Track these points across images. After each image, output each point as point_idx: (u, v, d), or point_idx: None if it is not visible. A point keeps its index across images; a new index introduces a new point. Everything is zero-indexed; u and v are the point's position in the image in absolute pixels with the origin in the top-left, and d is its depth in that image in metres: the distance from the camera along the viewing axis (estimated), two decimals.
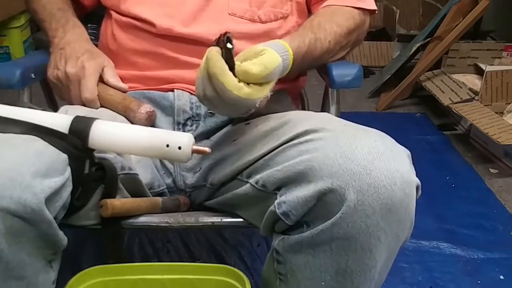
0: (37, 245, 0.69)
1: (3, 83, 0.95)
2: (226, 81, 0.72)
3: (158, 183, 0.93)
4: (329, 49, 0.93)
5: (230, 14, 0.95)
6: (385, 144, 0.72)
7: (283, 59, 0.79)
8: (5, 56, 2.58)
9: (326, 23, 0.94)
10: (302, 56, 0.87)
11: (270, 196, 0.77)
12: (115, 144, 0.76)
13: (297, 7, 1.02)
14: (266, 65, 0.74)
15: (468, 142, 2.15)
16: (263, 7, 0.97)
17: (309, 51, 0.89)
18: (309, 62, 0.92)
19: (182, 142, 0.75)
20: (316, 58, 0.92)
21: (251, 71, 0.73)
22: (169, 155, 0.75)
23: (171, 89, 0.96)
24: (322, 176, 0.69)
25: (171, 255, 1.41)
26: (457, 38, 2.34)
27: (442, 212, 1.66)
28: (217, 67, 0.72)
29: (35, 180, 0.66)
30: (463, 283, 1.37)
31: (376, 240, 0.70)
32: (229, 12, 0.95)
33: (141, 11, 0.96)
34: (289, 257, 0.76)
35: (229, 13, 0.95)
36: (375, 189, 0.68)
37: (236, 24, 0.95)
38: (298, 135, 0.76)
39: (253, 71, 0.73)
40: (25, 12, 2.66)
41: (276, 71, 0.76)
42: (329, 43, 0.92)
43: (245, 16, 0.96)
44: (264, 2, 0.97)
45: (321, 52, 0.92)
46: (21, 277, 0.69)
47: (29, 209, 0.65)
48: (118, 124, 0.79)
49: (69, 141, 0.73)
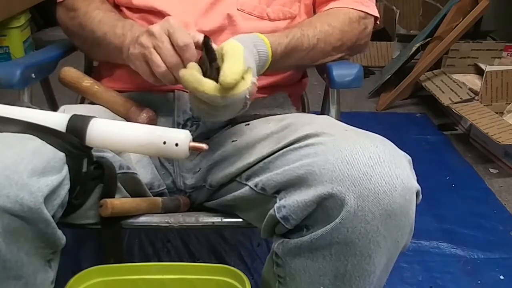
0: (35, 244, 0.69)
1: (3, 83, 0.94)
2: (206, 88, 0.72)
3: (158, 183, 0.93)
4: (319, 47, 0.93)
5: (239, 10, 0.95)
6: (386, 150, 0.72)
7: (259, 47, 0.80)
8: (5, 56, 2.58)
9: (317, 22, 0.94)
10: (284, 48, 0.86)
11: (269, 199, 0.77)
12: (112, 141, 0.76)
13: (305, 9, 1.02)
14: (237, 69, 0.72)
15: (468, 142, 2.15)
16: (272, 5, 0.97)
17: (294, 46, 0.89)
18: (298, 58, 0.91)
19: (179, 138, 0.74)
20: (304, 55, 0.92)
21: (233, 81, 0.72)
22: (167, 152, 0.75)
23: (172, 90, 0.96)
24: (323, 181, 0.69)
25: (171, 255, 1.41)
26: (457, 38, 2.34)
27: (442, 212, 1.67)
28: (191, 81, 0.73)
29: (32, 179, 0.66)
30: (463, 283, 1.37)
31: (376, 245, 0.70)
32: (238, 7, 0.95)
33: (157, 3, 0.95)
34: (289, 261, 0.76)
35: (238, 8, 0.95)
36: (375, 195, 0.68)
37: (244, 21, 0.95)
38: (299, 139, 0.76)
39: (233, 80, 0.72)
40: (25, 12, 2.67)
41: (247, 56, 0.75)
42: (317, 40, 0.92)
43: (253, 13, 0.96)
44: (273, 0, 0.97)
45: (309, 48, 0.91)
46: (19, 276, 0.69)
47: (26, 208, 0.65)
48: (115, 122, 0.78)
49: (67, 139, 0.73)
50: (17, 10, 2.55)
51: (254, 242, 1.45)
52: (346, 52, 0.99)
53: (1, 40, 2.59)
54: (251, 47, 0.80)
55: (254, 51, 0.80)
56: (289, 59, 0.90)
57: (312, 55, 0.93)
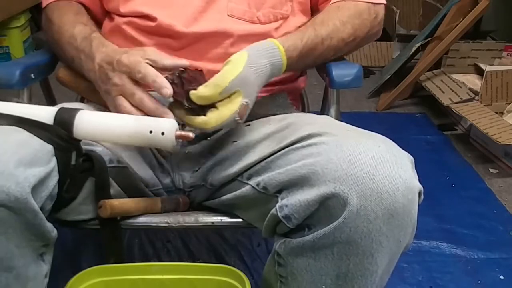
0: (25, 236, 0.70)
1: (3, 83, 0.95)
2: (195, 124, 0.79)
3: (153, 182, 0.93)
4: (332, 45, 0.93)
5: (229, 16, 0.95)
6: (388, 150, 0.72)
7: (273, 57, 0.83)
8: (5, 56, 2.58)
9: (329, 19, 0.93)
10: (299, 53, 0.87)
11: (271, 198, 0.77)
12: (100, 132, 0.76)
13: (300, 7, 1.01)
14: (217, 83, 0.77)
15: (468, 142, 2.15)
16: (262, 8, 0.96)
17: (309, 48, 0.89)
18: (312, 58, 0.92)
19: (165, 127, 0.75)
20: (318, 55, 0.92)
21: (204, 94, 0.77)
22: (154, 142, 0.75)
23: None
24: (325, 180, 0.69)
25: (171, 255, 1.41)
26: (457, 38, 2.34)
27: (442, 212, 1.67)
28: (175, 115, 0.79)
29: (18, 169, 0.66)
30: (463, 283, 1.37)
31: (378, 245, 0.70)
32: (228, 13, 0.95)
33: (144, 9, 0.95)
34: (290, 260, 0.76)
35: (228, 14, 0.95)
36: (378, 195, 0.68)
37: (235, 25, 0.95)
38: (301, 139, 0.77)
39: (205, 93, 0.77)
40: (25, 12, 2.67)
41: (236, 82, 0.78)
42: (331, 39, 0.92)
43: (244, 18, 0.96)
44: (263, 4, 0.96)
45: (323, 48, 0.91)
46: (10, 268, 0.69)
47: (13, 198, 0.65)
48: (102, 113, 0.78)
49: (54, 131, 0.74)
50: (17, 10, 2.55)
51: (254, 242, 1.45)
52: (359, 44, 0.99)
53: (1, 40, 2.60)
54: (260, 61, 0.82)
55: (263, 63, 0.82)
56: (304, 60, 0.90)
57: (326, 54, 0.94)
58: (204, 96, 0.77)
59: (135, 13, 0.96)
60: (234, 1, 0.95)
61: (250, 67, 0.80)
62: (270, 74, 0.84)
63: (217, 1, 0.94)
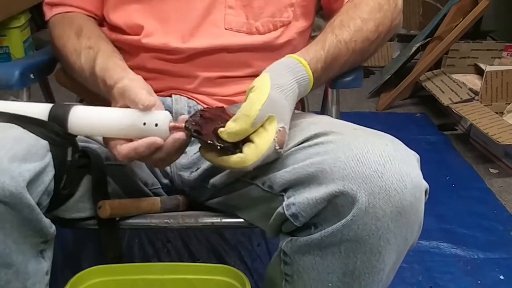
0: (23, 232, 0.70)
1: (2, 84, 0.95)
2: (231, 164, 0.71)
3: (152, 181, 0.93)
4: (358, 48, 0.86)
5: (226, 29, 0.92)
6: (396, 148, 0.72)
7: (297, 73, 0.77)
8: (5, 56, 2.58)
9: (349, 20, 0.85)
10: (324, 63, 0.81)
11: (275, 197, 0.77)
12: (94, 126, 0.76)
13: (302, 11, 0.97)
14: (246, 114, 0.70)
15: (468, 142, 2.15)
16: (260, 19, 0.93)
17: (333, 57, 0.83)
18: (339, 67, 0.86)
19: (158, 119, 0.74)
20: (344, 61, 0.85)
21: (234, 128, 0.70)
22: (147, 134, 0.74)
23: (169, 95, 0.95)
24: (334, 178, 0.69)
25: (171, 255, 1.41)
26: (457, 38, 2.34)
27: (442, 212, 1.66)
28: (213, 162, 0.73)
29: (12, 164, 0.66)
30: (463, 283, 1.37)
31: (386, 242, 0.70)
32: (225, 27, 0.92)
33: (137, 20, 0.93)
34: (297, 258, 0.76)
35: (226, 28, 0.92)
36: (387, 192, 0.68)
37: (234, 38, 0.92)
38: (308, 138, 0.76)
39: (236, 128, 0.70)
40: (25, 12, 2.67)
41: (266, 108, 0.71)
42: (355, 42, 0.85)
43: (242, 30, 0.92)
44: (261, 14, 0.93)
45: (348, 53, 0.85)
46: (9, 264, 0.70)
47: (8, 193, 0.65)
48: (96, 107, 0.78)
49: (49, 127, 0.74)
50: (17, 10, 2.55)
51: (254, 242, 1.45)
52: (384, 40, 0.93)
53: (1, 40, 2.60)
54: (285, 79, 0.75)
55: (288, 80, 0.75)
56: (330, 71, 0.84)
57: (352, 59, 0.87)
58: (235, 131, 0.70)
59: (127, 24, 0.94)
60: (231, 13, 0.92)
61: (277, 88, 0.73)
62: (298, 92, 0.77)
63: (213, 13, 0.92)
